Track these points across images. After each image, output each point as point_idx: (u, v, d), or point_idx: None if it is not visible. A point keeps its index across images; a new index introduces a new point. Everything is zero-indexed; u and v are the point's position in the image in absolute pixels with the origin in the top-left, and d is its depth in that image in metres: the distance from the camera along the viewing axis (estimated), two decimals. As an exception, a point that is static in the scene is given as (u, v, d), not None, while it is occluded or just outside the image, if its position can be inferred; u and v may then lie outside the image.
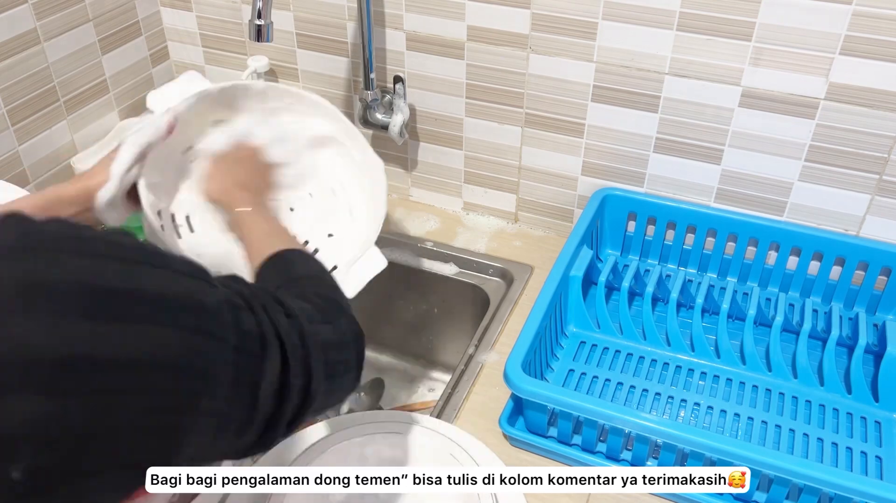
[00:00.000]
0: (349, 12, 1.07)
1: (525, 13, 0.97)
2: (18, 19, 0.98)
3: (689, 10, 0.89)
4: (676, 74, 0.94)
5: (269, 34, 0.82)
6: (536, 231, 1.16)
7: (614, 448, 0.80)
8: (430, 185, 1.19)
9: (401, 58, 1.08)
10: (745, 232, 0.99)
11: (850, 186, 0.94)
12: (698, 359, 0.94)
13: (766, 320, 0.95)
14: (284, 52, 1.15)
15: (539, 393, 0.77)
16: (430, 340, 1.20)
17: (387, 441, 0.79)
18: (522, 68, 1.02)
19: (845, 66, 0.86)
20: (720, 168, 0.99)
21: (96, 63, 1.11)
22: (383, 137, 1.14)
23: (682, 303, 1.00)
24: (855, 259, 0.96)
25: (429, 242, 1.13)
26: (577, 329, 0.98)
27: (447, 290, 1.12)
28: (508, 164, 1.11)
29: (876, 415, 0.87)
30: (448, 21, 1.02)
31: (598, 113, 1.01)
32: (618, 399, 0.89)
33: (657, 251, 1.05)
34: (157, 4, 1.19)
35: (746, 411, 0.87)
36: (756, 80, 0.91)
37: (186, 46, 1.22)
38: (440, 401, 0.90)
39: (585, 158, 1.06)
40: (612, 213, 1.05)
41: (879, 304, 0.97)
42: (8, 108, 1.00)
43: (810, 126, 0.92)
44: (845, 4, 0.83)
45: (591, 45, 0.96)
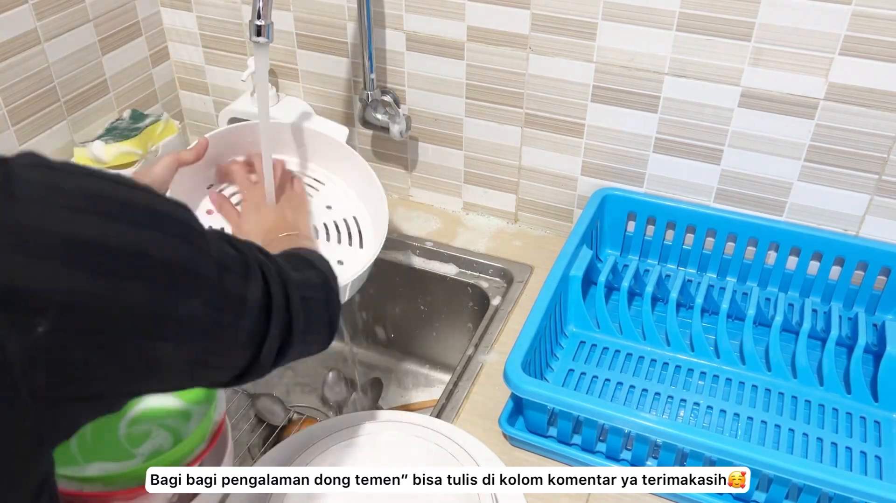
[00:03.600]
0: (349, 12, 1.07)
1: (525, 13, 0.97)
2: (18, 19, 0.98)
3: (688, 10, 0.89)
4: (676, 74, 0.94)
5: (269, 34, 0.82)
6: (536, 231, 1.16)
7: (614, 448, 0.80)
8: (430, 185, 1.19)
9: (401, 58, 1.08)
10: (744, 232, 0.99)
11: (849, 186, 0.94)
12: (698, 358, 0.94)
13: (766, 320, 0.95)
14: (284, 52, 1.15)
15: (539, 393, 0.77)
16: (430, 340, 1.20)
17: (387, 441, 0.79)
18: (522, 68, 1.02)
19: (845, 66, 0.87)
20: (720, 168, 0.99)
21: (96, 63, 1.11)
22: (383, 137, 1.14)
23: (681, 303, 1.00)
24: (854, 259, 0.96)
25: (429, 242, 1.13)
26: (577, 329, 0.98)
27: (447, 290, 1.12)
28: (508, 164, 1.11)
29: (875, 415, 0.87)
30: (448, 21, 1.02)
31: (597, 113, 1.01)
32: (618, 399, 0.89)
33: (657, 251, 1.06)
34: (157, 4, 1.19)
35: (746, 411, 0.87)
36: (755, 80, 0.91)
37: (186, 46, 1.22)
38: (440, 401, 0.90)
39: (585, 158, 1.06)
40: (612, 213, 1.05)
41: (879, 304, 0.97)
42: (8, 108, 1.00)
43: (810, 126, 0.92)
44: (845, 4, 0.83)
45: (591, 46, 0.96)
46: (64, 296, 0.39)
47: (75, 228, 0.40)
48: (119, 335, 0.42)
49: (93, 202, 0.41)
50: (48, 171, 0.41)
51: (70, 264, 0.39)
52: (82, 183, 0.42)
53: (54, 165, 0.42)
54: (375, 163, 1.20)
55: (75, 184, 0.41)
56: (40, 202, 0.39)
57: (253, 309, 0.52)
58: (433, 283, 1.12)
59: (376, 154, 1.19)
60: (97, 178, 0.43)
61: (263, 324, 0.54)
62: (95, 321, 0.40)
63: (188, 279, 0.46)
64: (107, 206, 0.42)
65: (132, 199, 0.44)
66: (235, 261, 0.51)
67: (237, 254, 0.52)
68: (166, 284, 0.44)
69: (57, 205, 0.39)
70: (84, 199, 0.41)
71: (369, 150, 1.19)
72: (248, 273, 0.52)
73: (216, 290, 0.48)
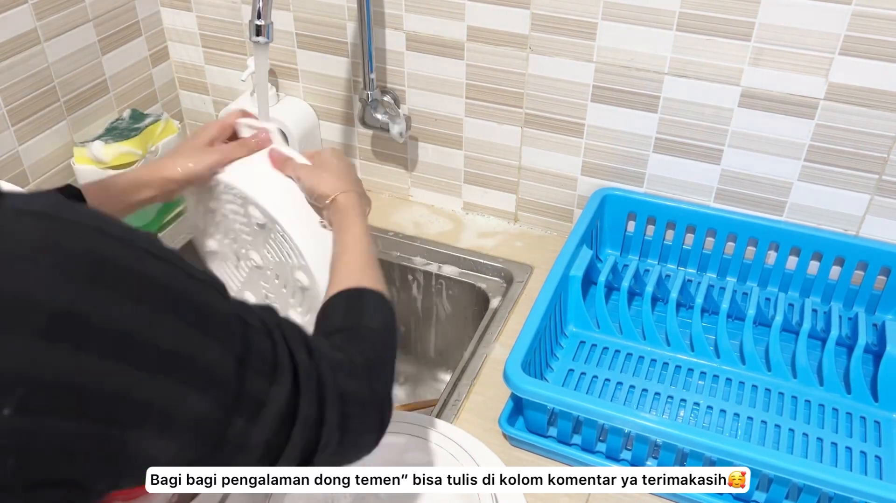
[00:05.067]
0: (349, 12, 1.07)
1: (525, 13, 0.97)
2: (18, 19, 0.98)
3: (688, 10, 0.89)
4: (676, 74, 0.94)
5: (269, 34, 0.82)
6: (536, 231, 1.16)
7: (614, 448, 0.80)
8: (430, 185, 1.19)
9: (401, 58, 1.08)
10: (744, 232, 0.99)
11: (849, 186, 0.94)
12: (698, 358, 0.94)
13: (766, 320, 0.95)
14: (284, 52, 1.15)
15: (539, 393, 0.77)
16: (430, 340, 1.20)
17: (386, 441, 0.79)
18: (522, 68, 1.02)
19: (845, 66, 0.87)
20: (720, 168, 0.99)
21: (96, 63, 1.11)
22: (383, 137, 1.14)
23: (681, 303, 1.00)
24: (854, 259, 0.96)
25: (429, 242, 1.13)
26: (577, 329, 0.98)
27: (447, 290, 1.12)
28: (508, 164, 1.11)
29: (875, 415, 0.87)
30: (448, 21, 1.02)
31: (597, 113, 1.01)
32: (617, 399, 0.89)
33: (657, 251, 1.05)
34: (157, 4, 1.19)
35: (746, 411, 0.87)
36: (755, 80, 0.91)
37: (186, 46, 1.22)
38: (440, 401, 0.90)
39: (585, 158, 1.06)
40: (612, 212, 1.05)
41: (879, 304, 0.97)
42: (8, 108, 1.00)
43: (810, 126, 0.92)
44: (845, 4, 0.83)
45: (591, 45, 0.96)
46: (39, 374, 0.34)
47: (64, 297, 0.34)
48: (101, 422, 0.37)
49: (97, 269, 0.36)
50: (50, 223, 0.36)
51: (49, 338, 0.34)
52: (91, 244, 0.36)
53: (63, 216, 0.36)
54: (375, 163, 1.20)
55: (82, 246, 0.36)
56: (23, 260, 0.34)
57: (271, 417, 0.45)
58: (433, 283, 1.12)
59: (376, 154, 1.19)
60: (111, 240, 0.38)
61: (283, 436, 0.47)
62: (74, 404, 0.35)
63: (194, 373, 0.40)
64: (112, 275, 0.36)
65: (146, 271, 0.39)
66: (262, 358, 0.45)
67: (269, 349, 0.46)
68: (167, 375, 0.39)
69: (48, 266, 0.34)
70: (86, 265, 0.36)
71: (369, 150, 1.19)
72: (276, 374, 0.46)
73: (229, 390, 0.42)
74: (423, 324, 1.18)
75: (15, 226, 0.35)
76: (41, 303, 0.34)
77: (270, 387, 0.45)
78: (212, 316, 0.42)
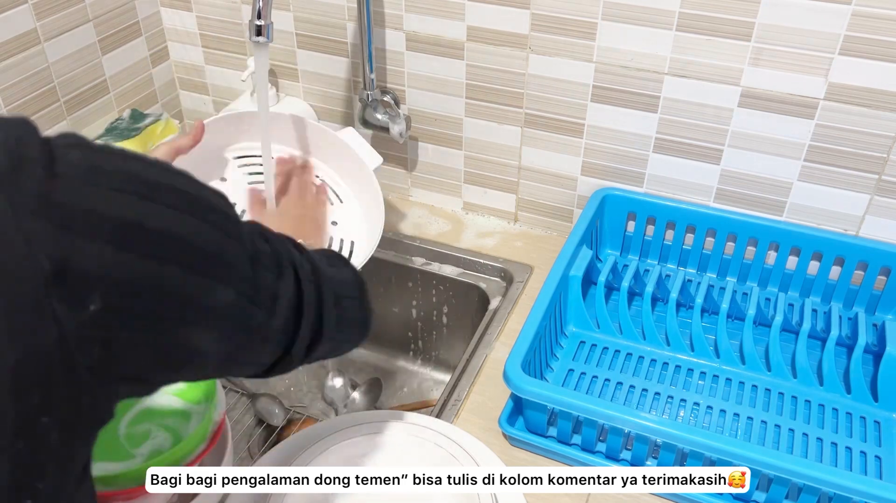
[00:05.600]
0: (349, 12, 1.07)
1: (525, 13, 0.97)
2: (18, 19, 0.98)
3: (688, 10, 0.89)
4: (676, 74, 0.94)
5: (269, 34, 0.82)
6: (536, 231, 1.16)
7: (614, 448, 0.80)
8: (430, 185, 1.19)
9: (401, 58, 1.08)
10: (744, 232, 0.99)
11: (849, 186, 0.94)
12: (698, 358, 0.94)
13: (766, 320, 0.96)
14: (284, 52, 1.15)
15: (539, 393, 0.77)
16: (430, 340, 1.20)
17: (386, 441, 0.79)
18: (522, 68, 1.02)
19: (845, 66, 0.87)
20: (719, 168, 0.99)
21: (96, 63, 1.11)
22: (383, 137, 1.14)
23: (681, 303, 1.00)
24: (854, 259, 0.96)
25: (429, 242, 1.13)
26: (577, 329, 0.98)
27: (447, 290, 1.12)
28: (508, 164, 1.11)
29: (875, 415, 0.87)
30: (448, 21, 1.02)
31: (597, 113, 1.01)
32: (617, 399, 0.89)
33: (657, 251, 1.06)
34: (157, 4, 1.19)
35: (746, 411, 0.87)
36: (755, 80, 0.91)
37: (186, 46, 1.22)
38: (440, 401, 0.90)
39: (585, 158, 1.06)
40: (612, 212, 1.05)
41: (879, 304, 0.97)
42: (8, 108, 1.00)
43: (809, 126, 0.92)
44: (845, 4, 0.83)
45: (591, 46, 0.96)
46: (113, 275, 0.39)
47: (118, 209, 0.40)
48: (158, 319, 0.42)
49: (132, 183, 0.41)
50: (88, 151, 0.41)
51: (116, 245, 0.39)
52: (122, 164, 0.42)
53: (94, 146, 0.42)
54: (375, 163, 1.20)
55: (115, 165, 0.41)
56: (83, 182, 0.39)
57: (284, 307, 0.51)
58: (433, 283, 1.12)
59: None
60: (135, 160, 0.43)
61: (294, 322, 0.53)
62: (139, 303, 0.41)
63: (222, 268, 0.45)
64: (146, 188, 0.42)
65: (171, 182, 0.44)
66: (268, 257, 0.51)
67: (270, 251, 0.51)
68: (201, 271, 0.44)
69: (99, 185, 0.40)
70: (124, 181, 0.41)
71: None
72: (281, 270, 0.51)
73: (249, 283, 0.48)
74: (422, 324, 1.18)
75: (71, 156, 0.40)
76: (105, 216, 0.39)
77: (278, 281, 0.51)
78: (229, 217, 0.47)
